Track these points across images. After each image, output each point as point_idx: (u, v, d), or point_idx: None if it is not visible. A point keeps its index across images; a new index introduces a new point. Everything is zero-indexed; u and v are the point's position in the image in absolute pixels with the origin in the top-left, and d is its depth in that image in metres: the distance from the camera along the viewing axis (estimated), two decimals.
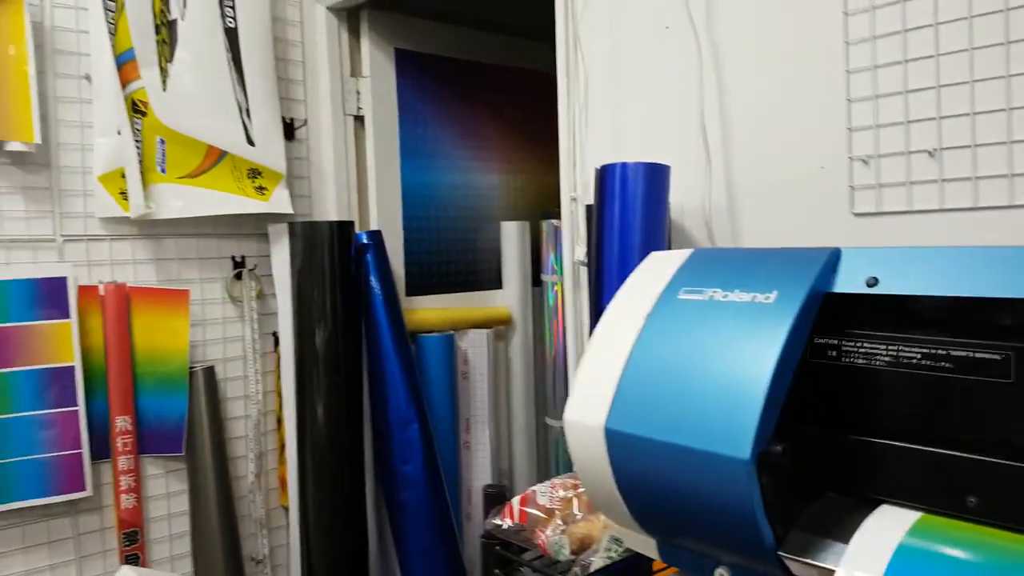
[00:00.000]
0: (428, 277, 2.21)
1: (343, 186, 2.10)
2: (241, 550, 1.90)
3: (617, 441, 0.69)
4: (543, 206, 2.29)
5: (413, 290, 2.15)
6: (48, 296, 1.66)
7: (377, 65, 2.12)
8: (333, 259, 1.87)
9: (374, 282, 1.91)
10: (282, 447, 1.98)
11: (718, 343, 0.66)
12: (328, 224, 1.90)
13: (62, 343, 1.67)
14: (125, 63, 1.77)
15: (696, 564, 0.72)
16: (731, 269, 0.71)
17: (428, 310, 2.14)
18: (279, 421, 1.99)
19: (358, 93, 2.12)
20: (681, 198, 1.28)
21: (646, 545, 0.75)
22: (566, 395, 2.10)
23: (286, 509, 1.99)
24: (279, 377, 1.98)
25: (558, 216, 2.14)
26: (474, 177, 2.36)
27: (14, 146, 1.64)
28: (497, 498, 1.18)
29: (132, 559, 1.75)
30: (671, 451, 0.65)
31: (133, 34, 1.76)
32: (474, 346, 2.17)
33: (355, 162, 2.13)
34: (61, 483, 1.67)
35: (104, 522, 1.76)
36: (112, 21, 1.76)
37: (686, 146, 1.28)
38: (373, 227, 2.09)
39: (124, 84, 1.77)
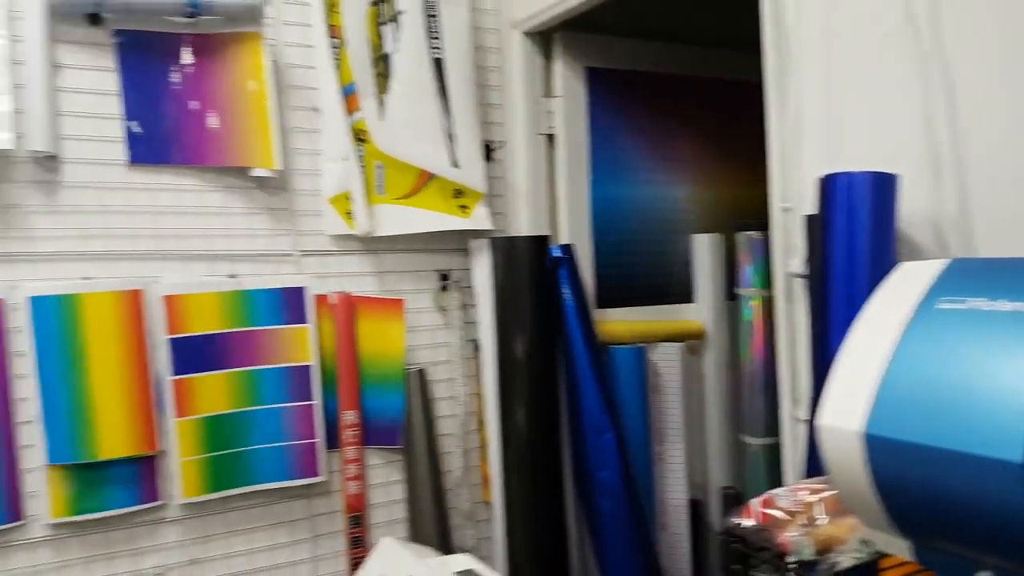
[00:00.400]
0: (618, 290, 2.26)
1: (535, 202, 2.21)
2: (452, 540, 2.05)
3: (877, 445, 0.72)
4: (737, 218, 2.28)
5: (603, 302, 2.21)
6: (289, 304, 1.89)
7: (568, 84, 2.22)
8: (530, 272, 1.98)
9: (567, 294, 2.00)
10: (483, 446, 2.11)
11: (986, 350, 0.68)
12: (525, 239, 2.02)
13: (301, 345, 1.89)
14: (348, 95, 1.97)
15: (956, 567, 0.73)
16: (993, 279, 0.72)
17: (618, 322, 2.20)
18: (480, 422, 2.13)
19: (550, 113, 2.23)
20: (906, 207, 1.26)
21: (899, 548, 0.77)
22: (765, 411, 2.11)
23: (488, 504, 2.12)
24: (479, 382, 2.12)
25: (755, 228, 2.14)
26: (665, 190, 2.39)
27: (259, 172, 1.87)
28: (735, 499, 1.22)
29: (357, 541, 1.94)
30: (938, 455, 0.68)
31: (353, 68, 1.96)
32: (665, 359, 2.19)
33: (546, 179, 2.24)
34: (299, 468, 1.89)
35: (333, 505, 1.96)
36: (336, 57, 1.97)
37: (910, 154, 1.26)
38: (563, 241, 2.19)
39: (348, 114, 1.97)
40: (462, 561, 1.43)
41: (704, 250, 2.35)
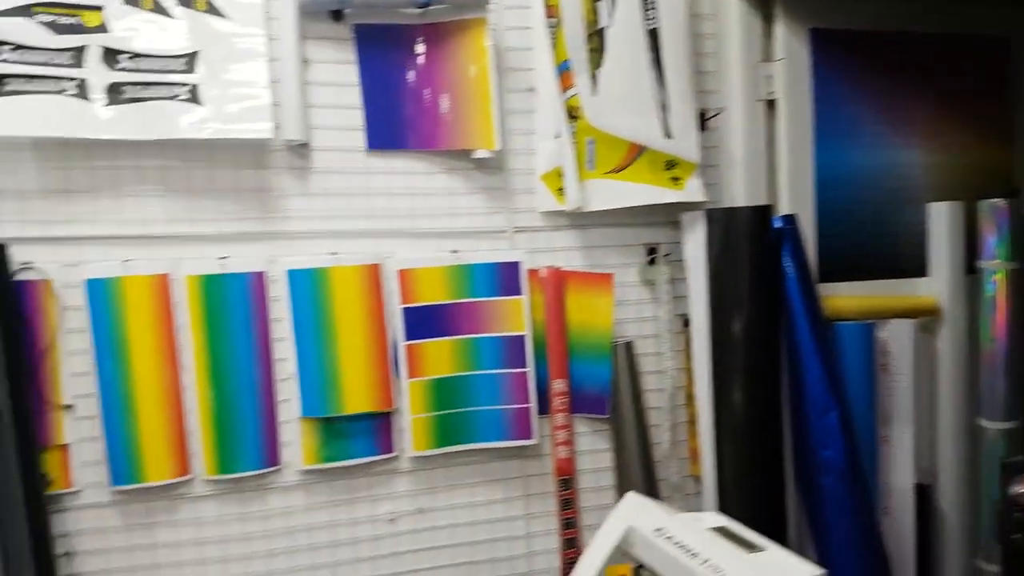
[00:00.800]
0: (844, 263, 2.13)
1: (753, 172, 2.13)
2: None
3: None
4: (977, 185, 2.05)
5: (827, 276, 2.10)
6: (505, 277, 1.99)
7: (790, 47, 2.09)
8: (750, 244, 1.91)
9: (789, 267, 1.92)
10: (692, 421, 2.11)
11: None
12: (746, 209, 1.95)
13: (516, 316, 1.99)
14: (563, 72, 2.00)
15: None
16: None
17: (843, 297, 2.08)
18: (688, 397, 2.12)
19: (769, 77, 2.12)
20: None
21: None
22: (1007, 393, 1.91)
23: (696, 479, 2.12)
24: (688, 356, 2.11)
25: (999, 195, 1.93)
26: (896, 156, 2.20)
27: (480, 154, 1.97)
28: (1018, 469, 1.16)
29: (567, 503, 2.03)
30: None
31: (568, 46, 1.99)
32: (896, 337, 2.05)
33: (765, 147, 2.14)
34: (514, 431, 2.00)
35: (543, 468, 2.07)
36: (552, 36, 2.00)
37: None
38: (782, 212, 2.09)
39: (562, 92, 2.01)
40: (715, 519, 1.41)
41: (941, 220, 2.15)
